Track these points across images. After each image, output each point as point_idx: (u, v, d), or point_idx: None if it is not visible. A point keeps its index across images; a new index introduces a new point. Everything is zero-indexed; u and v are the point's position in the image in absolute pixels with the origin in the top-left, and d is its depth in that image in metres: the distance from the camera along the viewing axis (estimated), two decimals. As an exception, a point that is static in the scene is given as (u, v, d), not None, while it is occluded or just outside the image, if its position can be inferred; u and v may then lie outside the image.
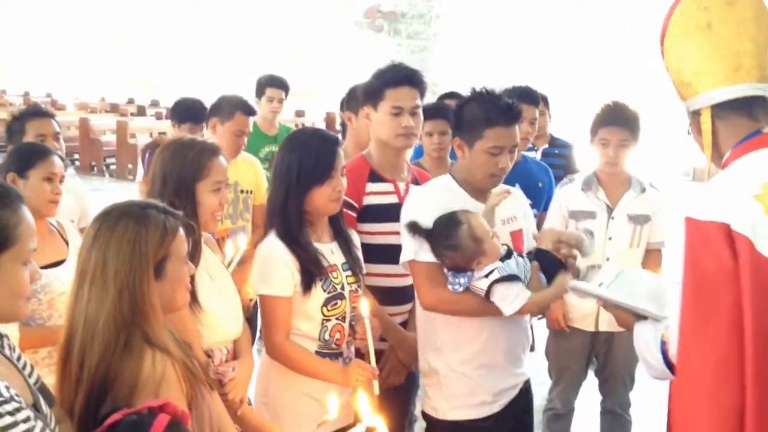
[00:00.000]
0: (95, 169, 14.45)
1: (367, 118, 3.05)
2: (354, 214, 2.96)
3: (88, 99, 19.74)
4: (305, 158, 2.58)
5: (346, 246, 2.74)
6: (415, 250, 2.55)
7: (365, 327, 2.49)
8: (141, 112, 17.54)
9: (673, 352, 1.93)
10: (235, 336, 2.54)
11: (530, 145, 5.01)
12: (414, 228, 2.54)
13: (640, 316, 2.19)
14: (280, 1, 16.53)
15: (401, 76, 2.99)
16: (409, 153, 4.37)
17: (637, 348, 2.14)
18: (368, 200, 2.99)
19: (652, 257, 3.72)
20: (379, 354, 2.93)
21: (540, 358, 4.33)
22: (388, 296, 2.91)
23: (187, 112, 4.58)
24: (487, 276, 2.47)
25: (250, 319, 2.67)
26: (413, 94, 3.00)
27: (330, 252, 2.68)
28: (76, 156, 14.86)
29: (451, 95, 4.43)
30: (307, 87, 16.44)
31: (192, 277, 2.31)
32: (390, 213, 2.71)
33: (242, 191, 3.92)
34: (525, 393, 2.78)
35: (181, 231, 1.94)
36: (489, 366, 2.63)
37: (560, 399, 3.90)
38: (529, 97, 3.92)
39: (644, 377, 3.99)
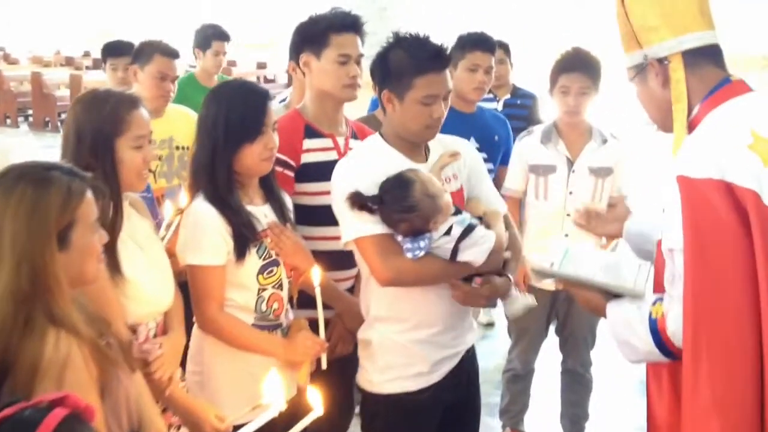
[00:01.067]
0: (49, 125, 14.00)
1: (306, 67, 2.82)
2: (291, 174, 2.76)
3: (43, 53, 19.14)
4: (232, 113, 2.37)
5: (279, 208, 2.54)
6: (358, 227, 2.33)
7: (316, 296, 2.31)
8: (96, 65, 17.00)
9: (674, 327, 1.79)
10: (166, 308, 2.34)
11: (491, 95, 4.83)
12: (358, 199, 2.30)
13: (611, 294, 2.04)
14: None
15: (348, 22, 2.77)
16: (366, 101, 4.14)
17: (613, 331, 2.00)
18: (306, 158, 2.78)
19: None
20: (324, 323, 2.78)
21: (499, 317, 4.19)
22: (333, 260, 2.72)
23: (110, 48, 4.31)
24: (448, 234, 2.28)
25: (184, 286, 2.46)
26: (358, 41, 2.79)
27: (263, 215, 2.49)
28: (30, 112, 14.42)
29: None
30: (268, 37, 16.00)
31: (113, 245, 2.12)
32: (330, 171, 2.51)
33: (178, 147, 3.66)
34: (468, 361, 2.57)
35: (89, 194, 1.73)
36: (426, 335, 2.43)
37: (520, 360, 3.77)
38: (484, 43, 3.70)
39: (606, 335, 3.93)
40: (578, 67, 3.44)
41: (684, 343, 1.74)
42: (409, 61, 2.36)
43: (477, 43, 3.68)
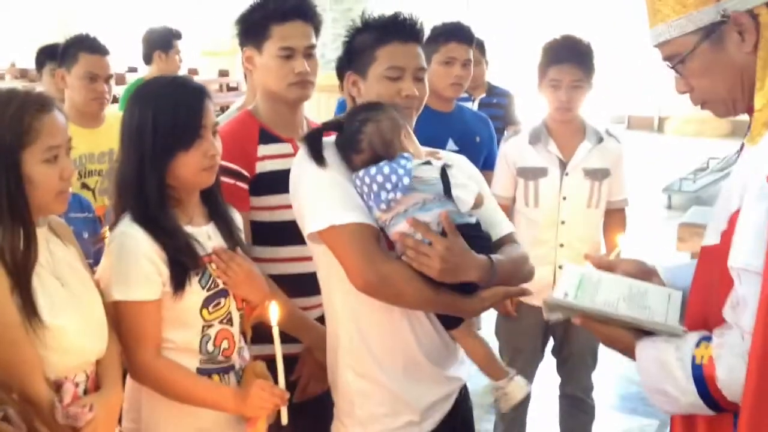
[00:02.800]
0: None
1: (249, 63, 2.42)
2: (245, 186, 2.34)
3: (-1, 65, 18.53)
4: (161, 115, 1.95)
5: (226, 228, 2.13)
6: (330, 214, 1.89)
7: (274, 338, 1.92)
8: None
9: (727, 375, 1.43)
10: (98, 356, 1.92)
11: (466, 95, 4.48)
12: (315, 137, 1.96)
13: (640, 331, 1.66)
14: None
15: (289, 7, 2.35)
16: (332, 103, 3.74)
17: (645, 376, 1.61)
18: (262, 166, 2.36)
19: (614, 219, 3.24)
20: (292, 359, 2.35)
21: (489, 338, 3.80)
22: (300, 285, 2.32)
23: (47, 51, 3.94)
24: (428, 164, 1.91)
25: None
26: (307, 30, 2.37)
27: (206, 237, 2.07)
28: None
29: None
30: (230, 44, 15.55)
31: (26, 283, 1.73)
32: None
33: None
34: (462, 404, 2.16)
35: None
36: (411, 372, 2.01)
37: (513, 385, 3.38)
38: (460, 33, 3.33)
39: (607, 356, 3.59)
40: (569, 57, 3.07)
41: (745, 395, 1.35)
42: (370, 34, 2.06)
43: (453, 33, 3.30)
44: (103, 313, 1.94)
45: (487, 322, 3.94)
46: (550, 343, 3.42)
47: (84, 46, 3.29)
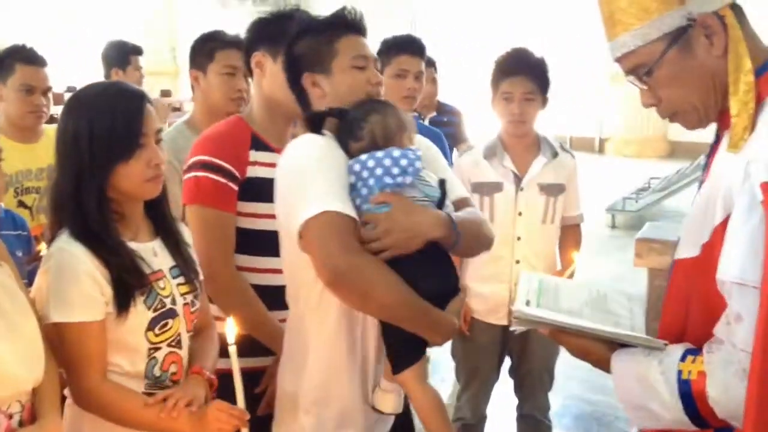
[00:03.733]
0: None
1: (258, 67, 2.38)
2: (235, 187, 2.27)
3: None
4: (98, 123, 1.81)
5: (174, 243, 2.00)
6: (320, 202, 1.73)
7: (231, 356, 1.80)
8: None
9: (719, 392, 1.37)
10: (34, 384, 1.76)
11: (415, 114, 4.44)
12: (315, 116, 1.89)
13: (615, 344, 1.59)
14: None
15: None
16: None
17: (623, 391, 1.53)
18: (253, 171, 2.29)
19: (569, 235, 3.20)
20: (260, 372, 2.30)
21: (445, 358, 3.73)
22: (278, 297, 2.20)
23: None
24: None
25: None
26: None
27: (152, 254, 1.94)
28: None
29: None
30: (171, 64, 15.32)
31: None
32: None
33: None
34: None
35: None
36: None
37: (470, 406, 3.28)
38: (412, 46, 3.28)
39: (562, 374, 3.55)
40: (521, 70, 3.03)
41: (747, 415, 1.28)
42: (322, 30, 1.99)
43: (404, 46, 3.26)
44: (39, 338, 1.78)
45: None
46: (507, 363, 3.35)
47: (20, 56, 3.13)
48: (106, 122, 1.81)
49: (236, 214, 2.28)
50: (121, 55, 4.75)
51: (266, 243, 2.19)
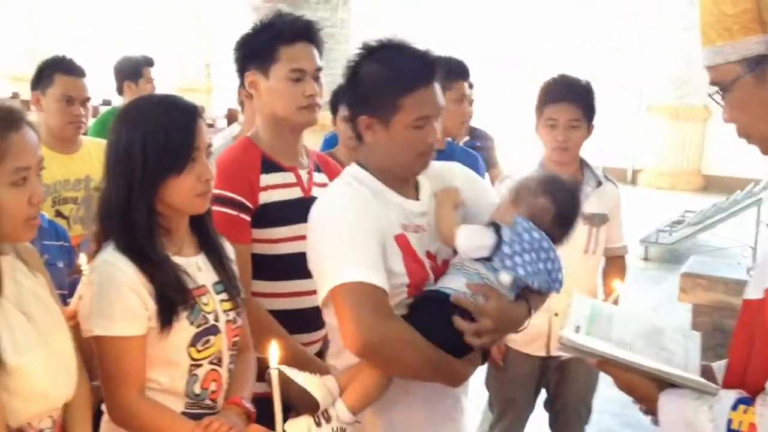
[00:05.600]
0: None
1: (253, 88, 2.29)
2: (247, 218, 2.21)
3: None
4: (151, 135, 1.80)
5: (217, 259, 1.98)
6: (334, 274, 1.79)
7: (272, 382, 1.76)
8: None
9: None
10: (66, 399, 1.74)
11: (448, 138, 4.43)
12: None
13: (665, 382, 1.54)
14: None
15: (299, 30, 2.26)
16: (316, 141, 3.66)
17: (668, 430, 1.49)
18: (266, 197, 2.24)
19: (614, 266, 3.14)
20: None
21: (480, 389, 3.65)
22: (299, 321, 2.23)
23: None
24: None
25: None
26: (314, 52, 2.27)
27: (196, 268, 1.92)
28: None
29: None
30: (205, 81, 15.42)
31: None
32: (295, 211, 2.02)
33: (96, 188, 3.08)
34: None
35: None
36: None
37: (503, 438, 3.22)
38: (459, 69, 3.27)
39: (595, 408, 3.46)
40: (566, 96, 2.99)
41: None
42: (390, 76, 1.88)
43: (454, 68, 3.23)
44: (72, 352, 1.76)
45: (477, 373, 3.80)
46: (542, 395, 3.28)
47: (60, 67, 3.15)
48: (160, 135, 1.80)
49: (251, 242, 2.22)
50: (133, 67, 4.79)
51: (285, 267, 2.20)
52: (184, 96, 2.00)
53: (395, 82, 1.87)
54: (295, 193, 2.27)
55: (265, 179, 2.25)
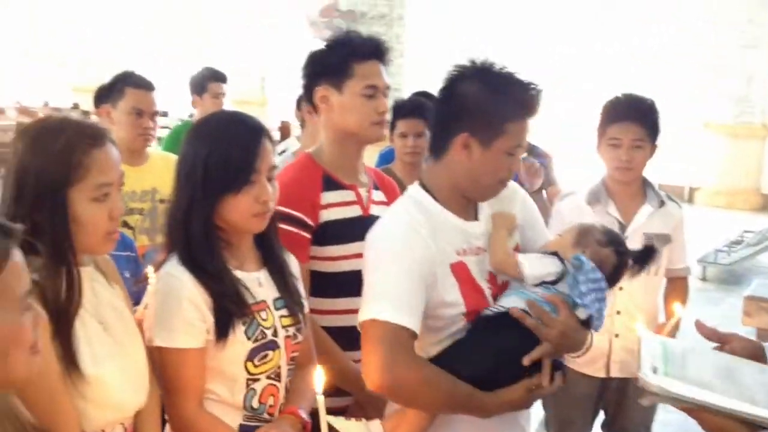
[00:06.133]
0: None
1: (323, 103, 2.31)
2: (308, 235, 2.23)
3: (30, 103, 18.74)
4: (214, 153, 1.83)
5: (279, 275, 1.99)
6: (378, 307, 1.80)
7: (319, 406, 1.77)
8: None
9: None
10: (138, 408, 1.77)
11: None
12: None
13: (754, 424, 1.49)
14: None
15: (371, 48, 2.29)
16: (370, 155, 3.67)
17: None
18: (326, 215, 2.26)
19: (676, 288, 3.08)
20: (340, 412, 2.20)
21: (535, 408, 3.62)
22: (353, 338, 2.18)
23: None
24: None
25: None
26: (383, 70, 2.31)
27: (257, 284, 1.93)
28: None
29: (424, 95, 3.78)
30: (259, 94, 15.62)
31: (67, 329, 1.58)
32: (353, 230, 2.04)
33: (162, 200, 3.13)
34: None
35: (16, 256, 1.21)
36: None
37: (559, 459, 3.18)
38: None
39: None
40: (631, 115, 2.95)
41: None
42: (503, 102, 1.88)
43: None
44: (145, 362, 1.80)
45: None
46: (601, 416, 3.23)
47: (130, 81, 3.23)
48: (222, 153, 1.83)
49: (309, 260, 2.24)
50: (200, 81, 4.86)
51: (342, 284, 2.20)
52: (240, 108, 2.03)
53: (508, 106, 1.88)
54: (355, 211, 2.30)
55: (326, 197, 2.28)
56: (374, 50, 2.29)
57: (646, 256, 2.05)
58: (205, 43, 15.68)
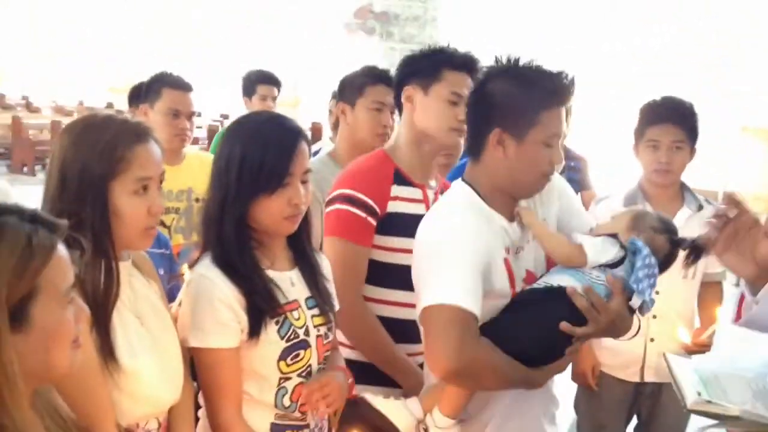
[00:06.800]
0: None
1: (408, 101, 2.39)
2: (374, 222, 2.30)
3: (65, 102, 19.02)
4: (249, 154, 1.83)
5: (311, 275, 2.00)
6: (444, 292, 1.79)
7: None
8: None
9: None
10: (172, 403, 1.79)
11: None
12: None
13: None
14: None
15: (464, 60, 2.36)
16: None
17: None
18: (392, 207, 2.34)
19: (710, 292, 3.04)
20: None
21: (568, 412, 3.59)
22: (406, 331, 2.26)
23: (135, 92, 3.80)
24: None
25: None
26: (470, 84, 2.33)
27: (289, 283, 1.94)
28: (48, 161, 14.12)
29: None
30: (292, 95, 15.71)
31: (106, 321, 1.61)
32: (416, 226, 2.05)
33: (197, 199, 3.15)
34: None
35: (62, 251, 1.23)
36: None
37: (592, 465, 3.15)
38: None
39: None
40: (670, 117, 2.92)
41: None
42: (532, 92, 1.88)
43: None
44: (180, 358, 1.82)
45: (567, 396, 3.74)
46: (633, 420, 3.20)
47: (168, 82, 3.26)
48: (257, 154, 1.83)
49: (371, 246, 2.31)
50: (249, 83, 4.87)
51: (399, 277, 2.22)
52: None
53: (538, 95, 1.88)
54: (420, 209, 2.33)
55: (396, 190, 2.35)
56: (468, 62, 2.36)
57: (699, 248, 2.00)
58: (238, 44, 15.80)
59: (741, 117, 12.42)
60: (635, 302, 1.86)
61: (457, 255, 1.82)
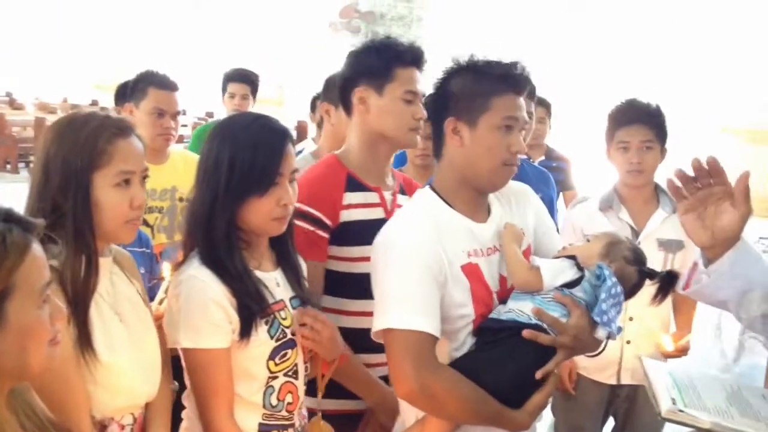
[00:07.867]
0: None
1: (360, 104, 2.31)
2: (326, 235, 2.24)
3: (49, 99, 18.91)
4: (239, 154, 1.85)
5: (294, 275, 2.02)
6: (398, 316, 1.80)
7: None
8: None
9: None
10: (149, 398, 1.82)
11: (524, 156, 4.42)
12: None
13: None
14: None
15: (413, 55, 2.31)
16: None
17: None
18: (346, 215, 2.27)
19: (687, 297, 3.05)
20: (356, 417, 2.27)
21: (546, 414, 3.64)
22: (366, 340, 2.21)
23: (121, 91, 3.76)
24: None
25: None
26: (419, 78, 2.33)
27: (275, 283, 1.96)
28: (32, 158, 14.06)
29: None
30: (277, 94, 15.71)
31: (84, 313, 1.64)
32: (374, 232, 2.02)
33: (181, 199, 3.15)
34: None
35: (36, 250, 1.24)
36: None
37: (569, 466, 3.19)
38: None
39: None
40: (638, 118, 2.97)
41: None
42: (482, 79, 1.90)
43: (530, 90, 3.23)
44: (158, 355, 1.85)
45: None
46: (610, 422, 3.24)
47: (153, 81, 3.25)
48: (247, 155, 1.84)
49: (326, 260, 2.26)
50: (223, 81, 4.83)
51: (358, 286, 2.17)
52: (257, 107, 2.04)
53: (488, 81, 1.90)
54: (377, 213, 2.29)
55: (349, 197, 2.28)
56: (416, 57, 2.31)
57: (669, 281, 2.00)
58: (224, 42, 15.75)
59: (720, 118, 12.54)
60: (602, 334, 1.86)
61: (407, 273, 1.82)
